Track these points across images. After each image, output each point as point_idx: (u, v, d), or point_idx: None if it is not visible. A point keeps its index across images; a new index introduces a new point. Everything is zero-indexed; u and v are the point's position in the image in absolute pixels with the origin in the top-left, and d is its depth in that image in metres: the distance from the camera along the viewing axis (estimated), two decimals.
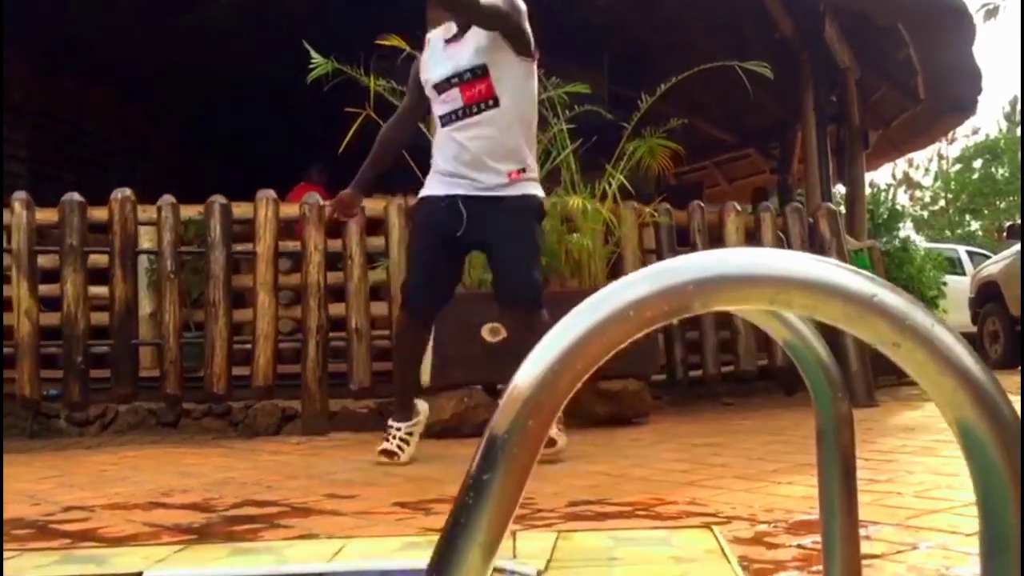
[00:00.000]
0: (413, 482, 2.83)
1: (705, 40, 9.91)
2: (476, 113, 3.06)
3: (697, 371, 4.87)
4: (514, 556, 1.74)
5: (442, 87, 3.10)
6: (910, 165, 27.67)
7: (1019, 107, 22.38)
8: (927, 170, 28.93)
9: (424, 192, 3.24)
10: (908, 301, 0.72)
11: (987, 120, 23.29)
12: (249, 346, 4.28)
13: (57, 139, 8.51)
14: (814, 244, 4.94)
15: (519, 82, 3.11)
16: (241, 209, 5.81)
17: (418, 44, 4.26)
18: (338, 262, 4.42)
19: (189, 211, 5.79)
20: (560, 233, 4.20)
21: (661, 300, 0.71)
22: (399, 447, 3.22)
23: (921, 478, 2.58)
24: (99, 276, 4.37)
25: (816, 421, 1.40)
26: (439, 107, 3.13)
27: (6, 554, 1.92)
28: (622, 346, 0.76)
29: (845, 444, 1.32)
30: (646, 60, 10.78)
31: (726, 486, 2.56)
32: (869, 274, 0.73)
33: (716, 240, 4.89)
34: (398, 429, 3.27)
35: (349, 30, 8.69)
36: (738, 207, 4.89)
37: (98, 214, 5.82)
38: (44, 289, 4.22)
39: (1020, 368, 8.78)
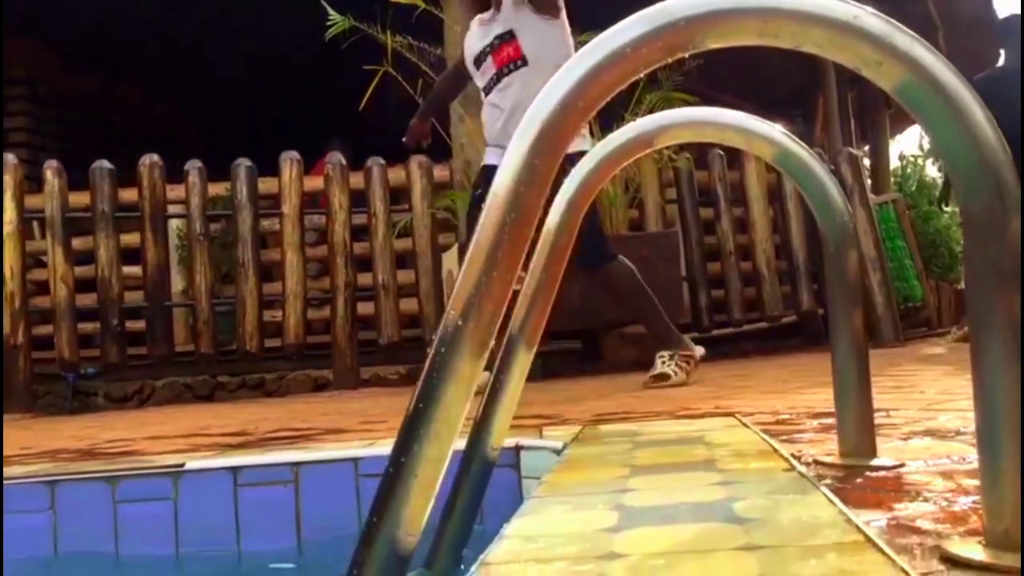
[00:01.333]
0: None
1: None
2: (507, 74, 3.20)
3: (724, 327, 4.88)
4: (540, 438, 1.79)
5: (479, 60, 3.25)
6: None
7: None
8: None
9: (483, 162, 3.41)
10: (887, 22, 0.76)
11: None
12: (279, 318, 4.36)
13: (86, 133, 8.65)
14: None
15: (546, 39, 3.19)
16: (266, 185, 5.93)
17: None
18: (362, 231, 4.49)
19: (216, 188, 5.94)
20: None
21: (655, 38, 0.76)
22: (674, 369, 3.14)
23: (944, 384, 2.60)
24: (131, 255, 4.47)
25: (824, 260, 1.43)
26: (480, 80, 3.28)
27: (47, 465, 2.00)
28: (622, 87, 0.81)
29: (852, 291, 1.35)
30: None
31: (750, 397, 2.59)
32: (851, 2, 0.77)
33: (736, 187, 4.91)
34: (671, 356, 3.19)
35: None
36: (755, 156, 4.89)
37: (127, 195, 5.97)
38: (79, 271, 4.34)
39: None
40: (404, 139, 3.52)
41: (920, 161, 26.91)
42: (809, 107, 10.47)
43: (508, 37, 3.18)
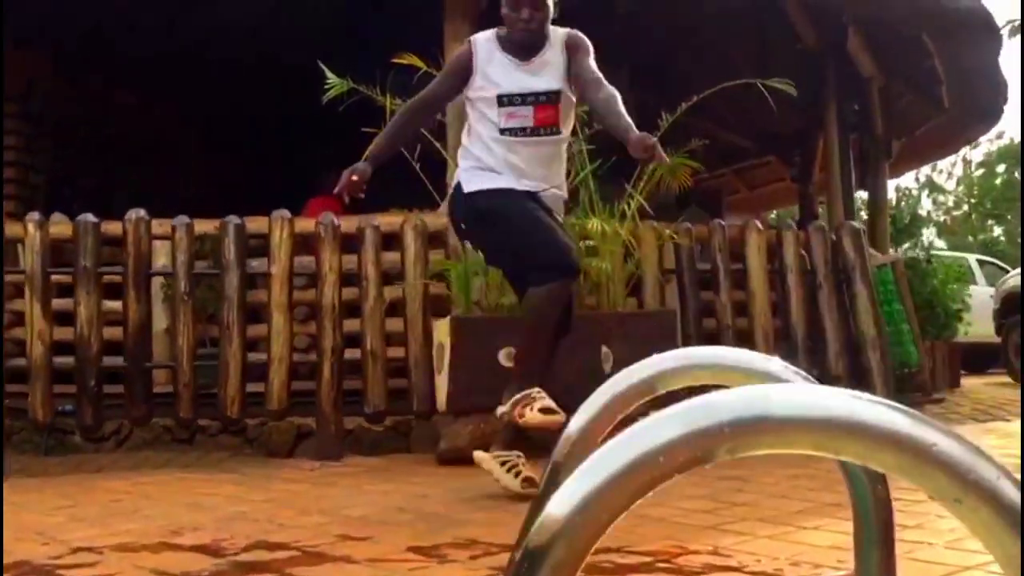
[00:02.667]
0: (428, 521, 2.77)
1: (727, 47, 9.84)
2: (543, 135, 3.11)
3: None
4: None
5: (514, 101, 3.08)
6: (933, 169, 27.44)
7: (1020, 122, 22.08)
8: (950, 174, 28.67)
9: (487, 184, 3.13)
10: (970, 450, 0.65)
11: (1011, 124, 22.93)
12: (264, 360, 4.24)
13: (80, 143, 8.50)
14: (837, 263, 4.85)
15: (570, 113, 3.22)
16: (256, 224, 5.80)
17: (434, 63, 4.22)
18: (353, 281, 4.37)
19: (205, 226, 5.81)
20: (579, 255, 4.12)
21: (694, 444, 0.65)
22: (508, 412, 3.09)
23: (953, 524, 2.49)
24: (114, 290, 4.35)
25: (852, 501, 1.32)
26: (503, 118, 3.09)
27: None
28: (650, 494, 0.70)
29: (884, 524, 1.25)
30: (668, 67, 10.71)
31: (750, 531, 2.48)
32: (926, 419, 0.66)
33: (737, 258, 4.80)
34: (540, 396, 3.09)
35: (387, 30, 8.69)
36: (759, 225, 4.79)
37: (113, 228, 5.84)
38: (58, 303, 4.21)
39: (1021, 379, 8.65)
40: (335, 191, 3.18)
41: (915, 192, 26.84)
42: (808, 148, 10.40)
43: (554, 99, 3.08)
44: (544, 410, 3.03)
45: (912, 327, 6.72)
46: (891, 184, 13.65)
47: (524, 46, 3.11)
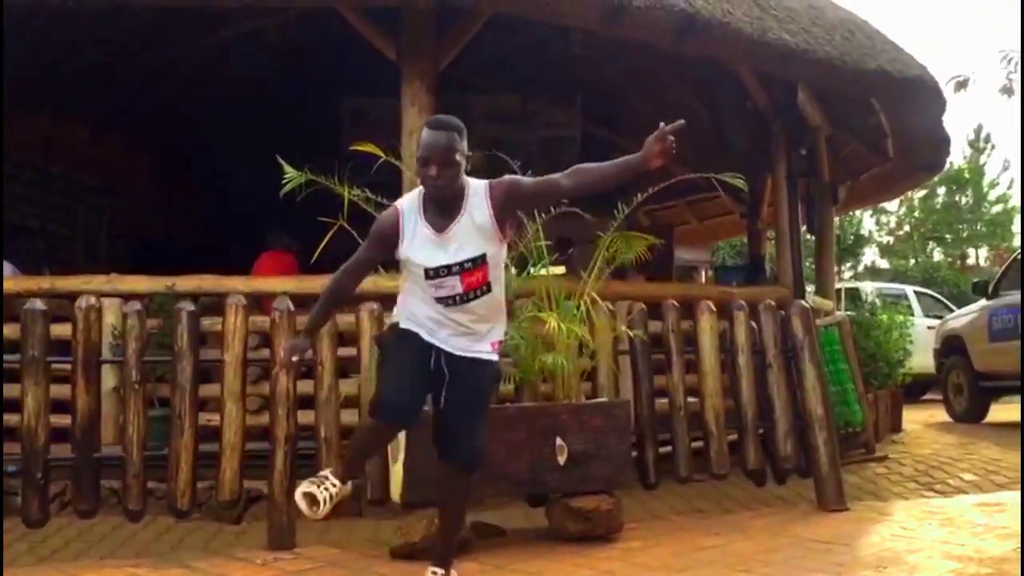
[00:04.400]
0: None
1: (678, 85, 9.96)
2: (473, 299, 3.22)
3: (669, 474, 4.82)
4: None
5: (440, 273, 3.19)
6: (875, 204, 28.02)
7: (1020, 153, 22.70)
8: None
9: (406, 325, 3.34)
10: None
11: (951, 149, 23.57)
12: (217, 423, 4.20)
13: (22, 185, 8.33)
14: (787, 341, 4.94)
15: (501, 265, 3.33)
16: (209, 283, 5.74)
17: (392, 151, 4.22)
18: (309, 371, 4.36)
19: (156, 284, 5.73)
20: (535, 348, 4.16)
21: None
22: (324, 499, 3.30)
23: None
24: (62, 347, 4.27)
25: None
26: (432, 289, 3.22)
27: None
28: None
29: None
30: (619, 102, 10.82)
31: None
32: None
33: (690, 342, 4.88)
34: (333, 485, 3.35)
35: (332, 71, 8.65)
36: (711, 307, 4.86)
37: (62, 284, 5.73)
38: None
39: (1021, 396, 8.86)
40: (281, 363, 3.53)
41: (859, 214, 27.36)
42: (757, 185, 10.56)
43: (480, 262, 3.20)
44: (305, 494, 3.33)
45: (857, 386, 6.88)
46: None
47: (441, 205, 3.20)
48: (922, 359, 10.83)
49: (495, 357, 3.36)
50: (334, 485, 3.35)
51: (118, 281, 5.81)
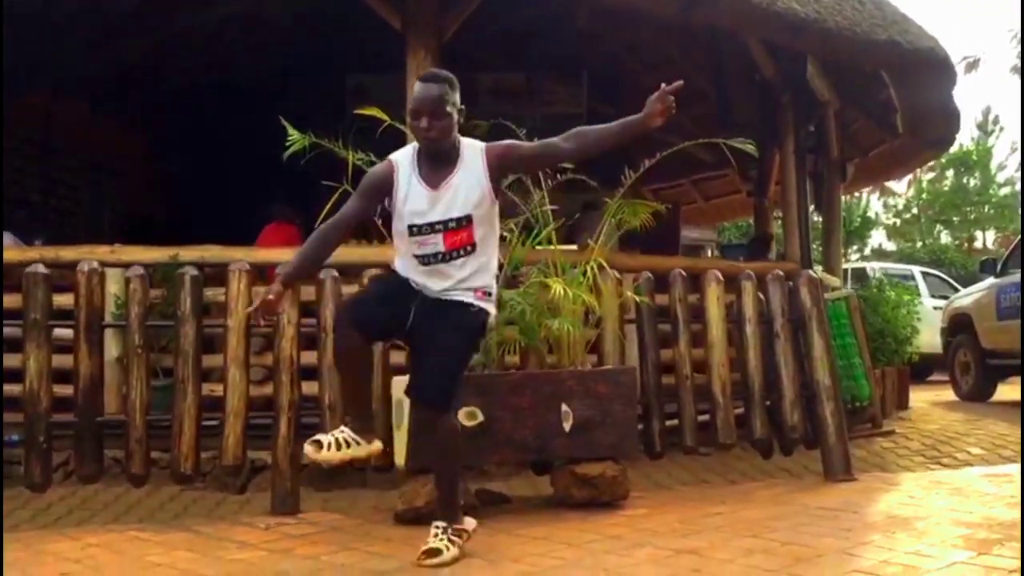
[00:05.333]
0: None
1: (684, 60, 9.88)
2: (455, 259, 3.23)
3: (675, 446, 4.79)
4: None
5: (424, 231, 3.21)
6: (883, 182, 27.88)
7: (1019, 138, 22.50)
8: (900, 178, 29.12)
9: (399, 269, 3.43)
10: None
11: (960, 125, 23.43)
12: (219, 394, 4.18)
13: (24, 159, 8.31)
14: (794, 311, 4.89)
15: (492, 224, 3.31)
16: (212, 253, 5.71)
17: (396, 116, 4.17)
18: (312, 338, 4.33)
19: (158, 254, 5.70)
20: (540, 313, 4.12)
21: None
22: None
23: None
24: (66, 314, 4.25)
25: None
26: (414, 246, 3.25)
27: None
28: None
29: None
30: (625, 78, 10.74)
31: None
32: None
33: (696, 313, 4.83)
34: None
35: (330, 51, 8.59)
36: (719, 276, 4.82)
37: (66, 254, 5.70)
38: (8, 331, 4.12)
39: (1020, 379, 8.81)
40: (250, 311, 3.45)
41: (866, 196, 27.21)
42: (765, 163, 10.49)
43: (466, 223, 3.19)
44: (312, 441, 3.38)
45: (864, 360, 6.84)
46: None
47: (434, 161, 3.21)
48: (929, 339, 10.77)
49: (480, 304, 3.31)
50: (342, 432, 3.38)
51: (121, 252, 5.77)
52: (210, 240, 5.83)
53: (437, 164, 3.21)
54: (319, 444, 3.34)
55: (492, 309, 3.39)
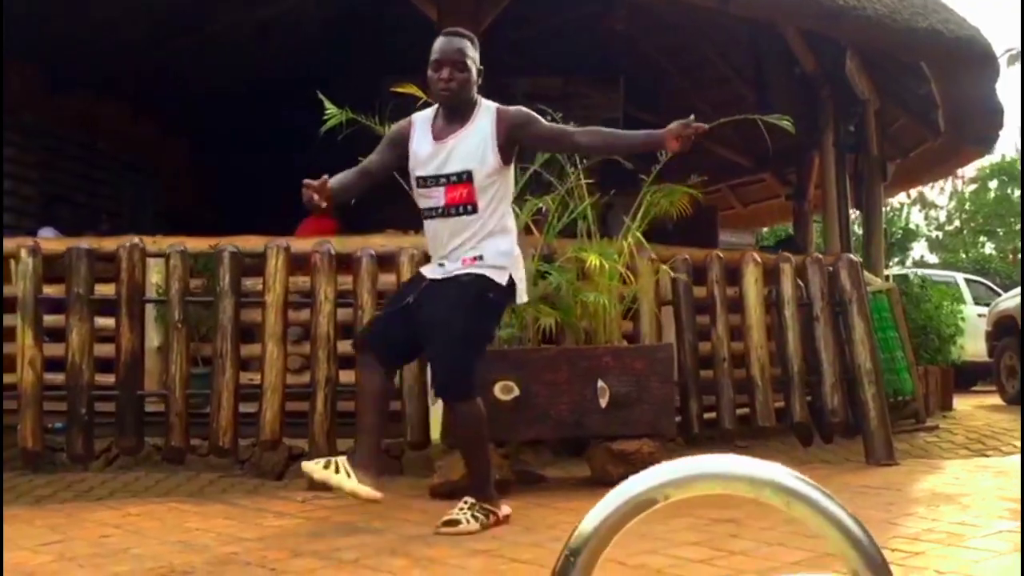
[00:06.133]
0: (421, 566, 2.75)
1: (722, 62, 9.85)
2: (454, 215, 3.23)
3: (712, 429, 4.74)
4: None
5: (428, 183, 3.24)
6: (924, 183, 27.52)
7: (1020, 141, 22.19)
8: (942, 189, 28.76)
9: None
10: None
11: (1003, 140, 23.11)
12: (258, 383, 4.21)
13: (68, 159, 8.47)
14: (834, 295, 4.84)
15: (498, 187, 3.27)
16: (251, 243, 5.76)
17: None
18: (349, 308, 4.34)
19: (199, 243, 5.77)
20: (576, 289, 4.10)
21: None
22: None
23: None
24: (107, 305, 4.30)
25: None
26: (420, 198, 3.30)
27: None
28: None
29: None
30: (663, 82, 10.72)
31: None
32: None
33: (733, 281, 4.79)
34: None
35: (368, 51, 8.68)
36: (756, 258, 4.77)
37: (107, 243, 5.79)
38: (49, 320, 4.18)
39: (1020, 378, 8.61)
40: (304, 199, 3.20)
41: (906, 207, 26.85)
42: (804, 166, 10.41)
43: (466, 178, 3.19)
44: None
45: (906, 354, 6.72)
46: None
47: (449, 116, 3.25)
48: (973, 347, 10.56)
49: (471, 270, 3.22)
50: (342, 459, 3.27)
51: (162, 241, 5.85)
52: (249, 231, 5.89)
53: (451, 119, 3.24)
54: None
55: (498, 276, 3.24)
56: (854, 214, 9.82)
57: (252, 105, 9.47)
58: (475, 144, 3.21)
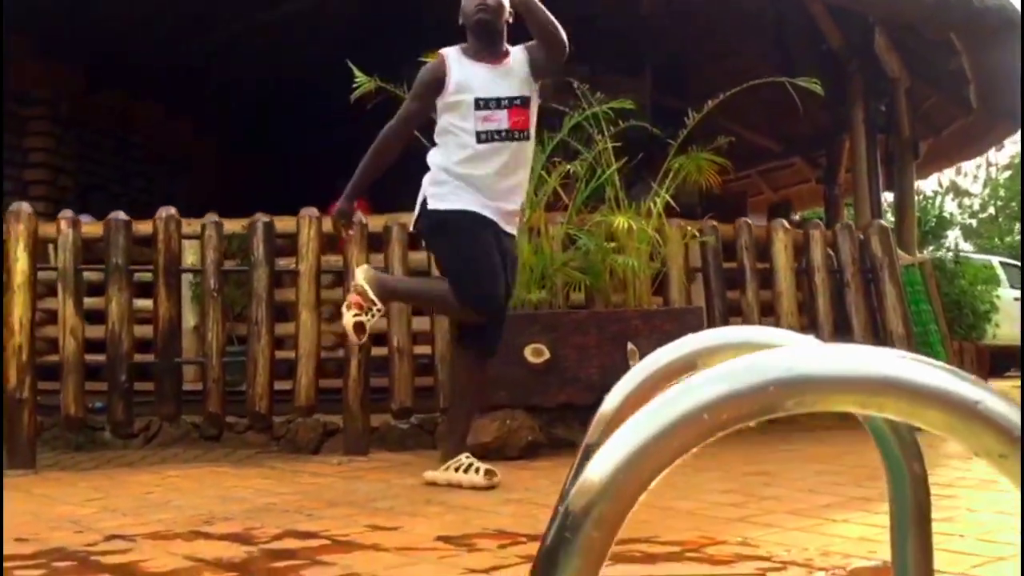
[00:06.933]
0: (456, 512, 2.79)
1: (748, 48, 9.81)
2: (517, 139, 3.20)
3: None
4: None
5: (490, 105, 3.17)
6: (957, 172, 27.16)
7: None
8: (975, 177, 28.40)
9: (461, 205, 3.22)
10: (1014, 408, 0.65)
11: None
12: (292, 358, 4.27)
13: (104, 152, 8.61)
14: (865, 262, 4.82)
15: (535, 119, 3.32)
16: (284, 223, 5.84)
17: None
18: None
19: (233, 225, 5.86)
20: (605, 252, 4.13)
21: (739, 402, 0.66)
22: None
23: (985, 518, 2.48)
24: (144, 289, 4.40)
25: (888, 482, 1.32)
26: (479, 121, 3.17)
27: None
28: (695, 449, 0.71)
29: (920, 505, 1.24)
30: (689, 70, 10.70)
31: (778, 523, 2.47)
32: (972, 377, 0.66)
33: (764, 257, 4.79)
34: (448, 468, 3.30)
35: (393, 45, 8.76)
36: (786, 224, 4.78)
37: (143, 227, 5.90)
38: (90, 302, 4.27)
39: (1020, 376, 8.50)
40: (333, 226, 3.50)
41: (938, 196, 26.56)
42: (834, 149, 10.34)
43: (524, 104, 3.21)
44: (488, 472, 3.22)
45: (940, 327, 6.67)
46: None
47: (484, 43, 3.22)
48: (1008, 331, 10.43)
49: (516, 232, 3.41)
50: (467, 456, 3.31)
51: (196, 224, 5.95)
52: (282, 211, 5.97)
53: (488, 49, 3.22)
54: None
55: (511, 229, 3.35)
56: (886, 200, 9.75)
57: (280, 100, 9.57)
58: (523, 71, 3.22)
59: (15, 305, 3.81)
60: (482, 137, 3.17)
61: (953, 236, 27.97)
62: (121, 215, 4.15)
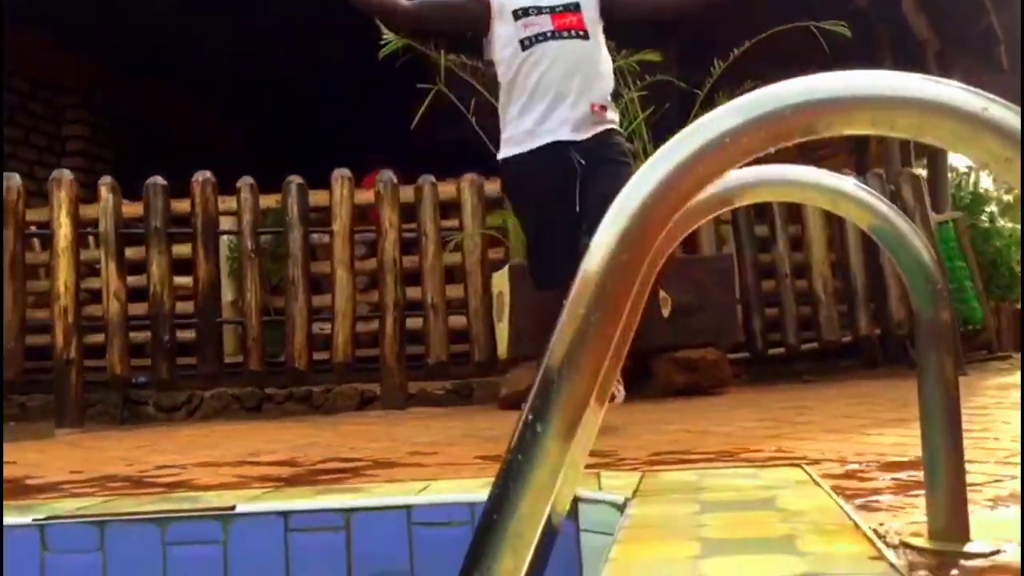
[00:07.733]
0: (494, 441, 2.84)
1: (773, 7, 9.75)
2: (566, 37, 2.88)
3: (778, 348, 4.76)
4: (599, 489, 1.73)
5: (530, 12, 2.90)
6: None
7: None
8: None
9: (505, 151, 2.98)
10: (1018, 114, 0.69)
11: None
12: (328, 331, 4.35)
13: (139, 141, 8.76)
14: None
15: (601, 38, 3.01)
16: (317, 197, 5.94)
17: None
18: (412, 245, 4.45)
19: (267, 200, 5.96)
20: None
21: (757, 127, 0.70)
22: None
23: (1018, 428, 2.49)
24: (182, 267, 4.50)
25: (916, 326, 1.35)
26: (520, 29, 2.91)
27: (102, 497, 1.98)
28: (719, 177, 0.75)
29: (950, 396, 1.26)
30: (718, 47, 10.67)
31: (813, 437, 2.50)
32: (972, 88, 0.70)
33: (795, 218, 4.80)
34: None
35: None
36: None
37: (180, 206, 6.01)
38: (131, 281, 4.38)
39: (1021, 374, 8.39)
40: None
41: (974, 173, 26.30)
42: None
43: (573, 8, 2.91)
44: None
45: (975, 284, 6.62)
46: (948, 160, 13.37)
47: None
48: None
49: (610, 126, 2.95)
50: None
51: (231, 201, 6.06)
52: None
53: None
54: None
55: (586, 134, 2.90)
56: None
57: (309, 93, 9.67)
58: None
59: (59, 269, 3.91)
60: (525, 44, 2.89)
61: (989, 212, 27.60)
62: (159, 179, 4.24)
